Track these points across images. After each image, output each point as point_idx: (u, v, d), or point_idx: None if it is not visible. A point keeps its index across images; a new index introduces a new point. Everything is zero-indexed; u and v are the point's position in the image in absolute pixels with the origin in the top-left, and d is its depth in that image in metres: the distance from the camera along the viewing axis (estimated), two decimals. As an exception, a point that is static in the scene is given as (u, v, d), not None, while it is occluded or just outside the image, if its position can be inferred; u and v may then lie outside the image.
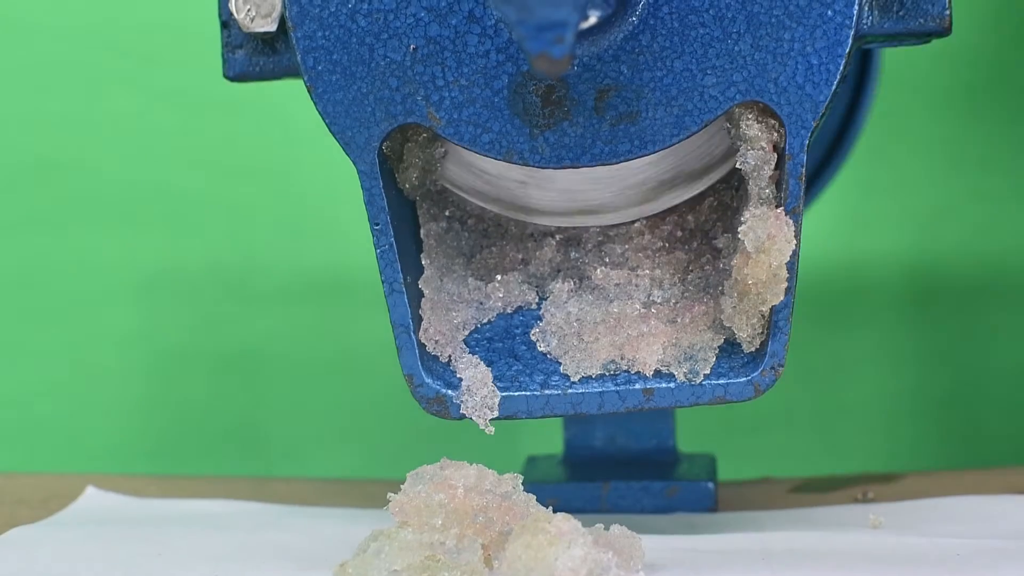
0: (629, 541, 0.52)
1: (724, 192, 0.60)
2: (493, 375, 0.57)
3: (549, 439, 0.79)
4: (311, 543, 0.59)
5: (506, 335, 0.59)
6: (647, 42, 0.55)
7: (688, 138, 0.55)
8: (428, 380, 0.57)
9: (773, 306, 0.55)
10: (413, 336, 0.57)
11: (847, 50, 0.54)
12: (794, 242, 0.54)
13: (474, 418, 0.57)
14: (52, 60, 0.95)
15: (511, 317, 0.59)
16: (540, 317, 0.59)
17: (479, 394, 0.57)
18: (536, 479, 0.69)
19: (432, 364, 0.58)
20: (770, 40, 0.54)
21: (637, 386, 0.57)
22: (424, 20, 0.55)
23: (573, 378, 0.57)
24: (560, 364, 0.57)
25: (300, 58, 0.56)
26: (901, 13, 0.55)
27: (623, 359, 0.57)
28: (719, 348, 0.57)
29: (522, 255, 0.61)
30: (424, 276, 0.59)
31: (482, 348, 0.59)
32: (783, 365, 0.56)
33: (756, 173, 0.55)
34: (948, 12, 0.55)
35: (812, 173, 0.78)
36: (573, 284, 0.59)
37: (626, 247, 0.60)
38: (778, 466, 0.87)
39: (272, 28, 0.58)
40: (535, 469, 0.71)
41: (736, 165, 0.56)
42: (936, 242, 0.93)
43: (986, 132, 0.93)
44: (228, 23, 0.59)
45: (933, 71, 0.92)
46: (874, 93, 0.78)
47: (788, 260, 0.54)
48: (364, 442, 0.95)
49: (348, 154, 0.56)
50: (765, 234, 0.54)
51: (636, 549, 0.52)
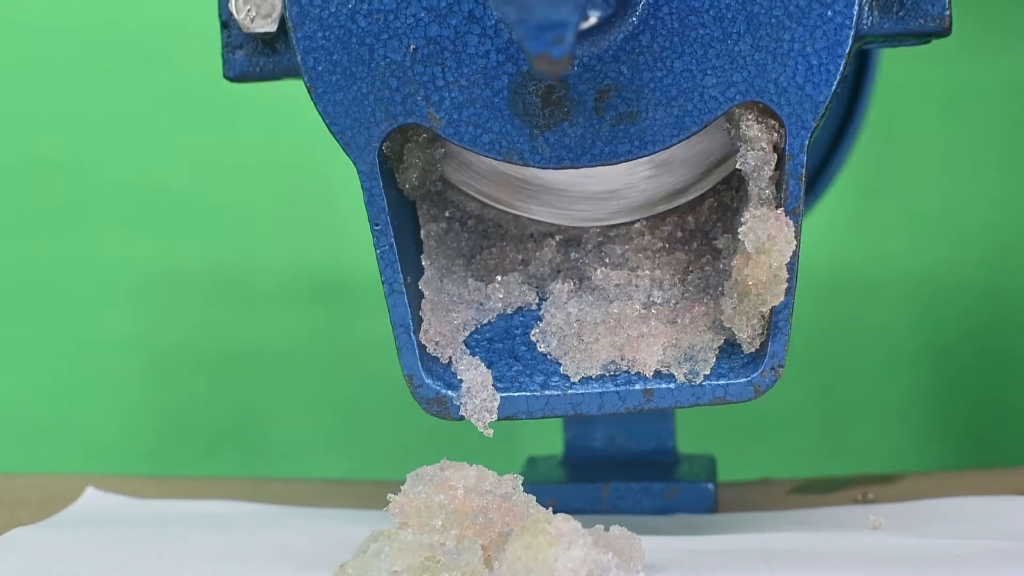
0: (629, 542, 0.52)
1: (724, 193, 0.60)
2: (493, 376, 0.57)
3: (549, 440, 0.79)
4: (311, 544, 0.59)
5: (506, 336, 0.59)
6: (647, 42, 0.54)
7: (688, 138, 0.55)
8: (428, 381, 0.57)
9: (773, 307, 0.55)
10: (413, 337, 0.57)
11: (847, 50, 0.54)
12: (794, 243, 0.54)
13: (473, 421, 0.57)
14: (52, 60, 0.95)
15: (511, 318, 0.59)
16: (540, 318, 0.59)
17: (478, 397, 0.57)
18: (536, 480, 0.69)
19: (432, 365, 0.58)
20: (770, 40, 0.54)
21: (637, 387, 0.56)
22: (424, 20, 0.55)
23: (573, 379, 0.57)
24: (560, 365, 0.57)
25: (300, 58, 0.56)
26: (901, 13, 0.55)
27: (623, 360, 0.57)
28: (719, 349, 0.57)
29: (522, 256, 0.61)
30: (424, 277, 0.59)
31: (482, 349, 0.58)
32: (783, 366, 0.56)
33: (756, 174, 0.55)
34: (948, 12, 0.55)
35: (811, 175, 0.78)
36: (573, 285, 0.59)
37: (626, 248, 0.60)
38: (778, 467, 0.87)
39: (272, 28, 0.57)
40: (535, 470, 0.71)
41: (736, 166, 0.56)
42: (936, 243, 0.93)
43: (986, 133, 0.93)
44: (228, 23, 0.59)
45: (933, 72, 0.92)
46: (871, 94, 0.78)
47: (788, 261, 0.54)
48: (364, 443, 0.95)
49: (348, 154, 0.56)
50: (765, 235, 0.54)
51: (636, 550, 0.52)
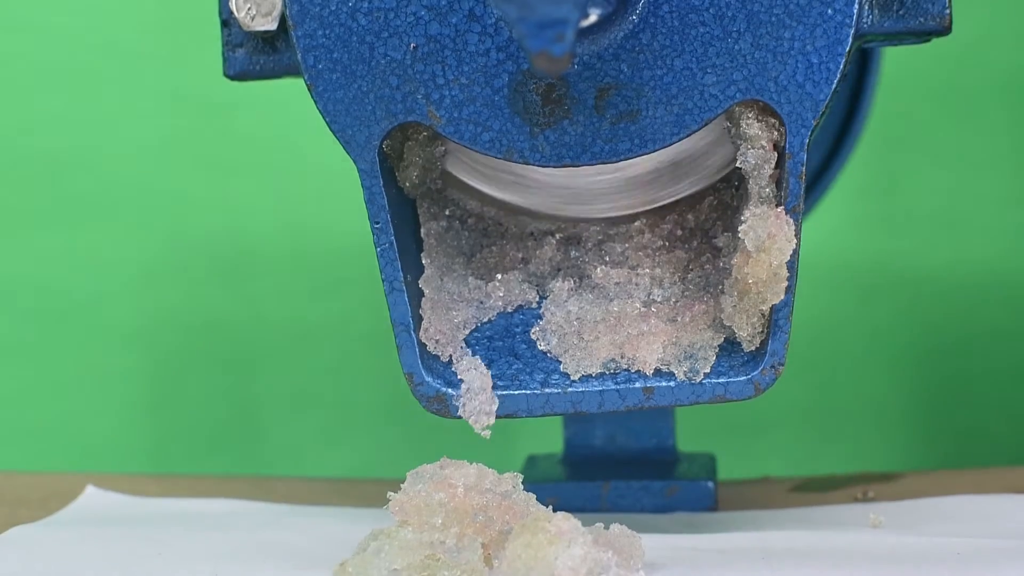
0: (629, 540, 0.52)
1: (724, 191, 0.60)
2: (493, 374, 0.57)
3: (549, 438, 0.79)
4: (311, 542, 0.59)
5: (506, 334, 0.59)
6: (647, 40, 0.54)
7: (688, 136, 0.55)
8: (428, 379, 0.57)
9: (773, 305, 0.55)
10: (413, 335, 0.57)
11: (847, 49, 0.54)
12: (794, 241, 0.54)
13: (471, 423, 0.57)
14: (53, 61, 0.95)
15: (511, 316, 0.59)
16: (540, 316, 0.59)
17: (477, 400, 0.57)
18: (536, 478, 0.69)
19: (432, 363, 0.58)
20: (770, 39, 0.54)
21: (637, 385, 0.56)
22: (424, 18, 0.55)
23: (573, 377, 0.57)
24: (560, 363, 0.57)
25: (300, 56, 0.56)
26: (901, 12, 0.55)
27: (623, 358, 0.57)
28: (719, 347, 0.57)
29: (522, 254, 0.61)
30: (424, 275, 0.59)
31: (482, 347, 0.58)
32: (783, 364, 0.56)
33: (756, 172, 0.55)
34: (948, 11, 0.55)
35: (813, 176, 0.78)
36: (573, 283, 0.59)
37: (626, 246, 0.60)
38: (778, 465, 0.87)
39: (272, 27, 0.57)
40: (535, 468, 0.71)
41: (736, 164, 0.56)
42: (937, 242, 0.93)
43: (986, 133, 0.93)
44: (228, 22, 0.59)
45: (933, 71, 0.92)
46: (873, 94, 0.78)
47: (788, 259, 0.54)
48: (364, 441, 0.95)
49: (348, 152, 0.56)
50: (765, 233, 0.54)
51: (636, 548, 0.52)
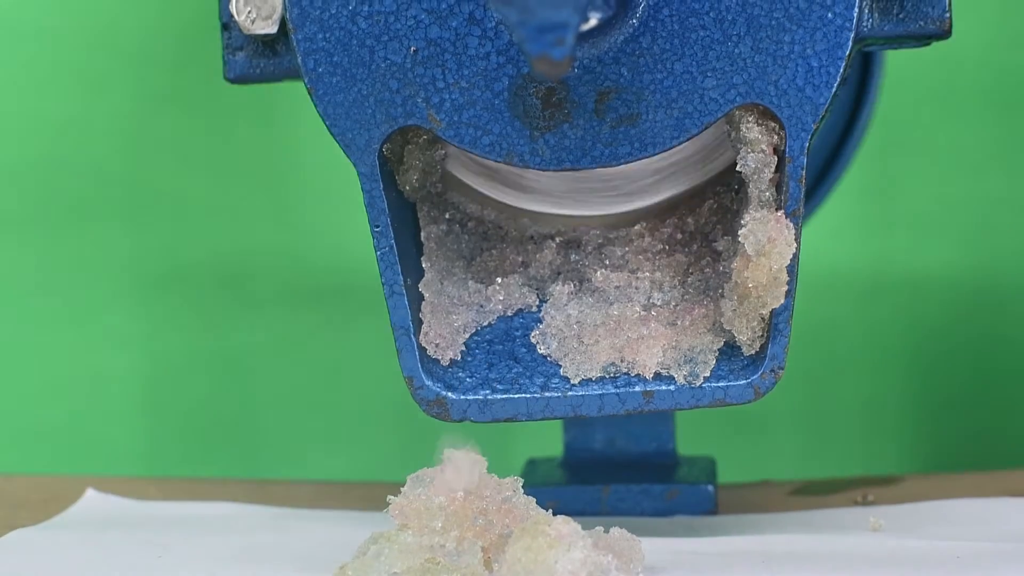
0: (629, 544, 0.52)
1: (724, 195, 0.60)
2: (493, 377, 0.57)
3: (549, 442, 0.79)
4: (311, 545, 0.59)
5: (506, 338, 0.59)
6: (647, 44, 0.55)
7: (688, 140, 0.55)
8: (428, 382, 0.57)
9: (773, 309, 0.55)
10: (413, 338, 0.57)
11: (847, 52, 0.54)
12: (795, 245, 0.54)
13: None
14: (52, 61, 0.95)
15: (511, 320, 0.59)
16: (540, 320, 0.59)
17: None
18: (536, 482, 0.69)
19: (432, 366, 0.58)
20: (770, 42, 0.54)
21: (637, 388, 0.56)
22: (425, 22, 0.55)
23: (573, 380, 0.57)
24: (560, 366, 0.57)
25: (301, 60, 0.56)
26: (901, 16, 0.55)
27: (623, 361, 0.57)
28: (719, 351, 0.57)
29: (522, 258, 0.61)
30: (424, 279, 0.59)
31: (482, 351, 0.58)
32: (783, 368, 0.56)
33: (756, 176, 0.55)
34: (948, 15, 0.55)
35: (813, 180, 0.78)
36: (573, 287, 0.59)
37: (626, 250, 0.60)
38: (778, 469, 0.87)
39: (273, 30, 0.57)
40: (535, 472, 0.71)
41: (736, 168, 0.56)
42: (937, 245, 0.93)
43: (986, 135, 0.93)
44: (229, 25, 0.59)
45: (934, 74, 0.92)
46: (876, 100, 0.78)
47: (788, 263, 0.54)
48: (363, 445, 0.95)
49: (349, 156, 0.56)
50: (765, 237, 0.54)
51: (636, 552, 0.52)
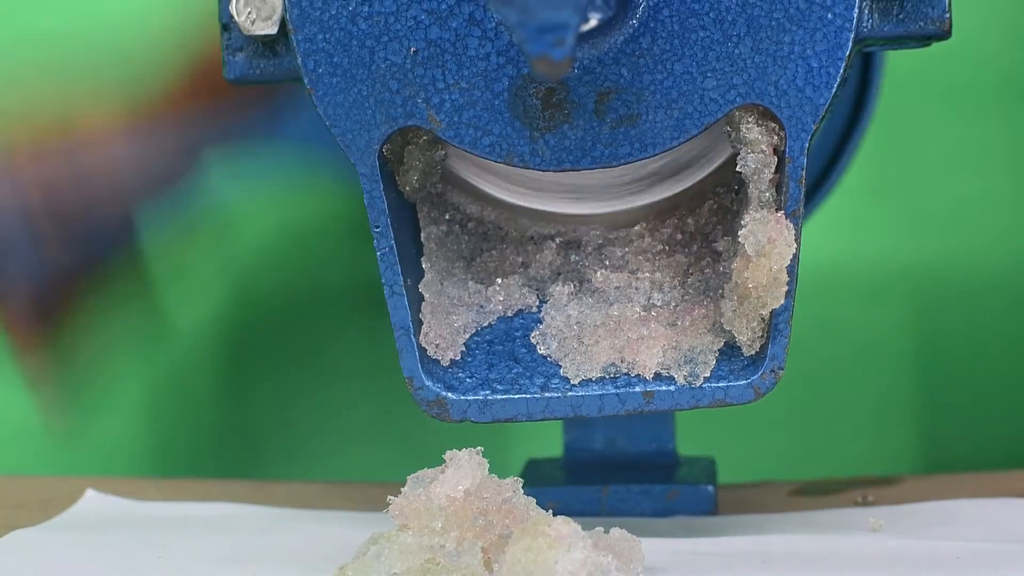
0: (629, 544, 0.52)
1: (724, 195, 0.60)
2: (493, 378, 0.57)
3: (549, 442, 0.79)
4: (311, 546, 0.59)
5: (506, 338, 0.59)
6: (647, 45, 0.55)
7: (688, 141, 0.55)
8: (428, 383, 0.57)
9: (773, 309, 0.55)
10: (413, 339, 0.57)
11: (847, 53, 0.54)
12: (794, 245, 0.54)
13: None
14: (53, 61, 0.95)
15: (511, 320, 0.59)
16: (540, 320, 0.59)
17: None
18: (536, 482, 0.69)
19: (432, 367, 0.58)
20: (770, 43, 0.54)
21: (637, 389, 0.56)
22: (425, 23, 0.55)
23: (573, 381, 0.57)
24: (560, 367, 0.57)
25: (301, 61, 0.56)
26: (901, 16, 0.55)
27: (623, 362, 0.57)
28: (719, 351, 0.57)
29: (522, 258, 0.61)
30: (424, 280, 0.59)
31: (482, 351, 0.58)
32: (783, 368, 0.56)
33: (756, 176, 0.55)
34: (948, 15, 0.55)
35: (815, 180, 0.78)
36: (573, 287, 0.59)
37: (626, 250, 0.60)
38: (778, 469, 0.87)
39: (273, 31, 0.57)
40: (535, 472, 0.71)
41: (736, 168, 0.56)
42: (937, 245, 0.93)
43: (987, 134, 0.93)
44: (229, 26, 0.59)
45: (934, 74, 0.92)
46: (876, 101, 0.78)
47: (788, 263, 0.54)
48: (364, 445, 0.95)
49: (349, 156, 0.56)
50: (765, 237, 0.54)
51: (636, 552, 0.52)
